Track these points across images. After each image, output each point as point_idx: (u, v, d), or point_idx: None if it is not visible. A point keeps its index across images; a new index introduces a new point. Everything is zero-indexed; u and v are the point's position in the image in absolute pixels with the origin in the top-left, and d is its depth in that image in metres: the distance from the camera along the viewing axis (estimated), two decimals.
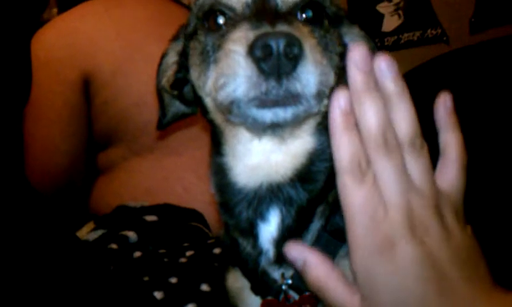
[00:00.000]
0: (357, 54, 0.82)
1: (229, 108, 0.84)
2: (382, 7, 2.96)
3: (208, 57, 0.92)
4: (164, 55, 1.12)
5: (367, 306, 0.82)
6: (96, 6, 1.93)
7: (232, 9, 0.92)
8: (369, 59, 0.82)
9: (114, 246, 1.53)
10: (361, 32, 1.05)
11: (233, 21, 0.90)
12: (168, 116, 1.18)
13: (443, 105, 0.88)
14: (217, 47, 0.89)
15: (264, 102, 0.80)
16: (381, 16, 2.97)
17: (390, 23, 2.95)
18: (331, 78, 0.88)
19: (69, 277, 1.04)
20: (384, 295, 0.80)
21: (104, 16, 1.88)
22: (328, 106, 0.85)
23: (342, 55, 1.01)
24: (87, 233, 1.67)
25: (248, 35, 0.79)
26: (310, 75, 0.79)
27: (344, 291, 0.83)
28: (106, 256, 1.47)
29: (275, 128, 0.89)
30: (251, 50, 0.77)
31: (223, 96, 0.83)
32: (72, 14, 1.94)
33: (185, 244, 1.58)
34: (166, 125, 1.19)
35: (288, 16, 0.87)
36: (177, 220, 1.67)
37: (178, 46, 1.09)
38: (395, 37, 2.94)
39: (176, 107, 1.17)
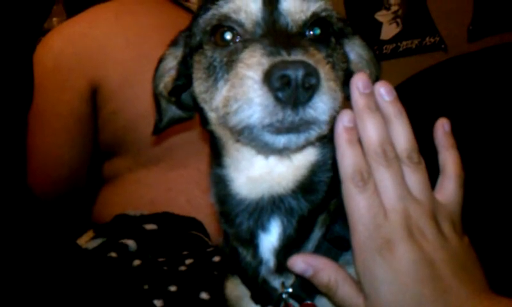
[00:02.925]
0: (359, 79, 0.90)
1: (241, 132, 0.84)
2: (380, 16, 2.97)
3: (215, 74, 0.91)
4: (161, 60, 1.11)
5: (370, 303, 0.87)
6: (106, 13, 1.89)
7: (240, 25, 0.91)
8: (370, 84, 0.91)
9: (113, 254, 1.52)
10: (362, 43, 1.06)
11: (243, 39, 0.90)
12: (164, 121, 1.17)
13: (441, 128, 0.98)
14: (227, 65, 0.89)
15: (278, 129, 0.80)
16: (380, 24, 2.97)
17: (389, 31, 2.96)
18: (340, 99, 0.88)
19: (69, 285, 1.04)
20: (384, 293, 0.85)
21: (114, 23, 1.85)
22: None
23: (346, 70, 1.02)
24: (86, 241, 1.67)
25: (263, 61, 0.79)
26: (324, 103, 0.80)
27: (351, 290, 0.89)
28: (106, 265, 1.46)
29: (285, 151, 0.89)
30: (268, 79, 0.77)
31: (235, 121, 0.82)
32: (80, 20, 1.89)
33: (185, 252, 1.57)
34: (162, 130, 1.18)
35: (300, 38, 0.87)
36: (177, 228, 1.67)
37: (177, 52, 1.08)
38: (394, 45, 2.94)
39: (173, 111, 1.16)
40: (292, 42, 0.82)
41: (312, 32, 0.92)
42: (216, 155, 1.01)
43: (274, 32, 0.86)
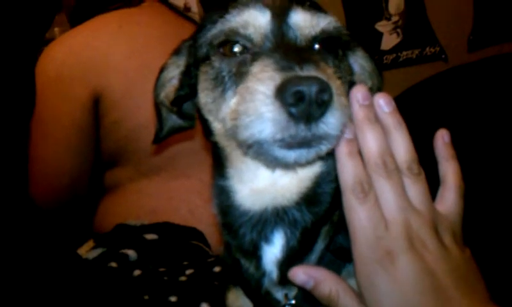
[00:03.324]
0: (358, 91, 0.91)
1: (250, 146, 0.83)
2: (381, 26, 2.98)
3: (223, 84, 0.90)
4: (163, 69, 1.10)
5: None
6: (109, 23, 1.89)
7: (249, 39, 0.90)
8: (369, 96, 0.91)
9: (113, 264, 1.52)
10: (365, 54, 1.06)
11: (252, 51, 0.89)
12: (165, 130, 1.16)
13: (441, 139, 0.98)
14: (235, 76, 0.88)
15: (289, 144, 0.80)
16: (380, 34, 2.98)
17: (389, 41, 2.97)
18: (349, 113, 0.88)
19: (70, 295, 1.04)
20: (386, 304, 0.85)
21: (117, 33, 1.85)
22: None
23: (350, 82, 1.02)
24: (87, 251, 1.66)
25: (276, 76, 0.78)
26: (336, 119, 0.79)
27: (352, 302, 0.89)
28: (106, 275, 1.46)
29: (295, 165, 0.90)
30: (281, 94, 0.76)
31: (245, 135, 0.81)
32: (83, 30, 1.89)
33: (185, 263, 1.57)
34: (162, 139, 1.18)
35: (310, 53, 0.87)
36: (177, 238, 1.67)
37: (180, 61, 1.07)
38: (394, 55, 2.95)
39: (173, 120, 1.15)
40: (303, 57, 0.81)
41: (319, 46, 0.92)
42: (219, 165, 1.00)
43: (284, 46, 0.85)
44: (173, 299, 1.39)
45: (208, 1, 2.36)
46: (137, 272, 1.51)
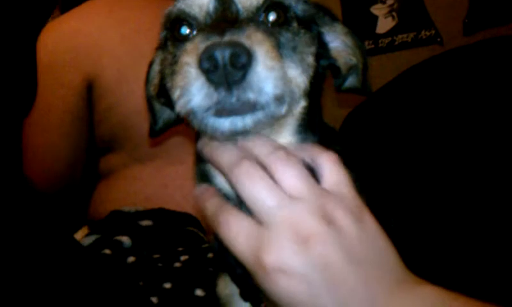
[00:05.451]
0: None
1: (187, 116, 0.84)
2: (376, 9, 2.96)
3: (173, 67, 0.92)
4: (151, 64, 1.12)
5: None
6: (99, 7, 1.87)
7: (195, 18, 0.92)
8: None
9: (108, 251, 1.52)
10: (344, 29, 1.04)
11: (197, 31, 0.92)
12: (160, 123, 1.17)
13: None
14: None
15: (219, 112, 0.80)
16: (375, 18, 2.96)
17: (384, 25, 2.95)
18: (301, 79, 0.89)
19: (64, 282, 1.03)
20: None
21: (108, 18, 1.83)
22: (305, 107, 0.92)
23: (322, 55, 1.01)
24: (81, 237, 1.66)
25: (199, 46, 0.79)
26: (263, 82, 0.78)
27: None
28: (100, 262, 1.46)
29: (239, 135, 0.88)
30: (199, 62, 0.77)
31: (180, 106, 0.83)
32: (74, 15, 1.88)
33: (180, 249, 1.57)
34: (158, 132, 1.18)
35: (246, 22, 0.86)
36: (172, 224, 1.67)
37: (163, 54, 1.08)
38: (390, 38, 2.93)
39: (168, 114, 1.16)
40: (233, 26, 0.81)
41: (271, 18, 0.92)
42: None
43: (223, 20, 0.86)
44: (167, 285, 1.39)
45: None
46: (131, 259, 1.51)
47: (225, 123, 0.81)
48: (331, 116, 1.10)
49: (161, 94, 1.10)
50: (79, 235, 1.70)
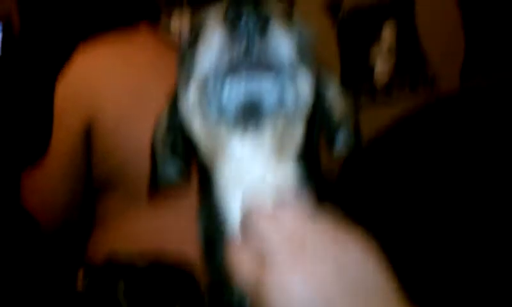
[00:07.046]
0: None
1: (203, 89, 0.83)
2: (373, 52, 3.01)
3: (190, 67, 0.90)
4: (158, 117, 1.09)
5: None
6: (102, 51, 1.90)
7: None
8: None
9: (102, 296, 1.51)
10: (337, 84, 1.04)
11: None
12: (160, 179, 1.14)
13: None
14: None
15: (236, 67, 0.80)
16: (373, 60, 3.02)
17: (382, 67, 3.00)
18: (305, 88, 0.87)
19: None
20: None
21: (110, 61, 1.86)
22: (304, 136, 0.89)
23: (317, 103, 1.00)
24: (77, 281, 1.66)
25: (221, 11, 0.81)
26: (281, 44, 0.80)
27: None
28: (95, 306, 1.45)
29: (252, 116, 0.85)
30: (224, 16, 0.79)
31: (198, 74, 0.84)
32: (78, 57, 1.90)
33: (175, 297, 1.56)
34: (159, 187, 1.15)
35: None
36: (167, 270, 1.66)
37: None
38: (387, 82, 2.98)
39: (170, 168, 1.11)
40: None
41: None
42: (204, 184, 0.98)
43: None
44: None
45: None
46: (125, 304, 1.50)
47: (240, 90, 0.81)
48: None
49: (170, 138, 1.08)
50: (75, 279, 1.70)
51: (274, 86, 0.82)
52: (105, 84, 1.81)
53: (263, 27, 0.79)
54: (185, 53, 0.94)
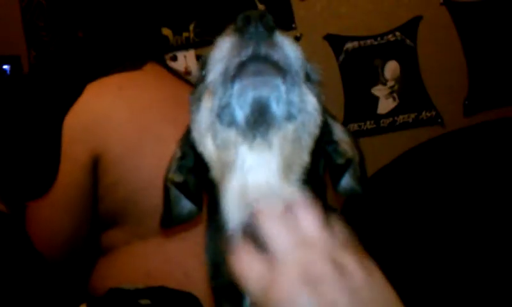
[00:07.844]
0: None
1: (215, 91, 0.86)
2: (377, 90, 3.02)
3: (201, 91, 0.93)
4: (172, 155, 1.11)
5: None
6: (110, 84, 1.93)
7: None
8: None
9: None
10: (342, 127, 1.06)
11: None
12: (174, 215, 1.12)
13: None
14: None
15: (244, 66, 0.84)
16: (376, 98, 3.03)
17: (385, 105, 3.00)
18: (313, 106, 0.89)
19: None
20: None
21: (118, 95, 1.88)
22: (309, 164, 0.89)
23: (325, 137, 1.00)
24: None
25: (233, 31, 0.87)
26: (287, 48, 0.86)
27: None
28: None
29: (261, 118, 0.85)
30: (235, 27, 0.85)
31: (211, 78, 0.87)
32: (85, 92, 1.91)
33: None
34: (171, 224, 1.14)
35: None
36: (172, 304, 1.64)
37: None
38: (391, 119, 2.98)
39: (182, 206, 1.12)
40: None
41: None
42: (213, 211, 0.97)
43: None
44: None
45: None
46: None
47: (248, 91, 0.84)
48: None
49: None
50: None
51: (281, 90, 0.84)
52: (113, 118, 1.84)
53: (269, 34, 0.84)
54: (197, 83, 0.97)
